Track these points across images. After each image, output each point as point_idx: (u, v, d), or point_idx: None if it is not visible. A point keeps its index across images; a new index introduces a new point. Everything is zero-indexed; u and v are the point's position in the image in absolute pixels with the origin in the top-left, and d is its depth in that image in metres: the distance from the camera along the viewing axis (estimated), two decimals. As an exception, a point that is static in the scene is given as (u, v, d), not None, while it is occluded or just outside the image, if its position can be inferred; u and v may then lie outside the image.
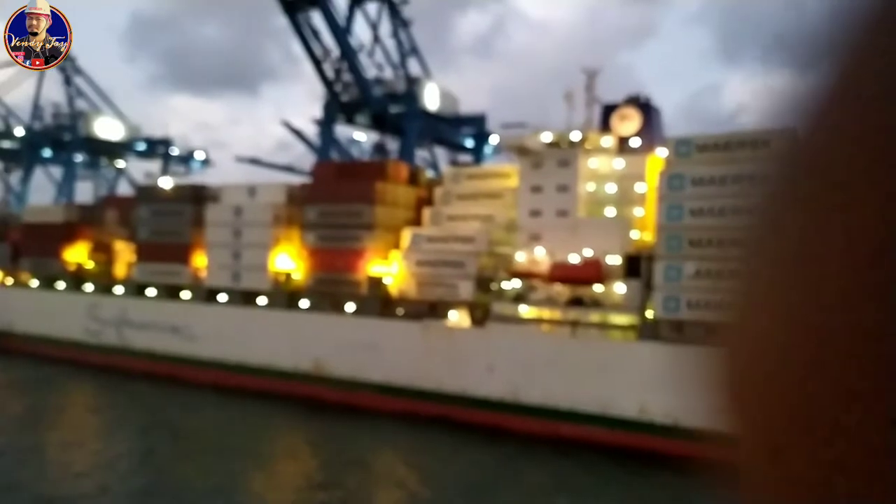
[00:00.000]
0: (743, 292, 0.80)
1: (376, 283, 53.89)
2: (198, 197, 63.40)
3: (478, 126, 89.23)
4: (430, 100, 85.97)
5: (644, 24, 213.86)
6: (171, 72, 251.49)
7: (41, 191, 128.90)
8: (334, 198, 56.48)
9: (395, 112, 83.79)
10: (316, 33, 79.12)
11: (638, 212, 48.67)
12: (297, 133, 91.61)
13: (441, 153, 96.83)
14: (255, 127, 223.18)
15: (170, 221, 63.67)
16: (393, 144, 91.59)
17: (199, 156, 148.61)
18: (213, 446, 42.79)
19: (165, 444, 42.80)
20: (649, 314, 44.00)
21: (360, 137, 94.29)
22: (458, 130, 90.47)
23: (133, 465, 38.96)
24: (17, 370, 64.45)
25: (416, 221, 58.43)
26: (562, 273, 47.41)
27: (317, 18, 77.65)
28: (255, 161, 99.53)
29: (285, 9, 75.63)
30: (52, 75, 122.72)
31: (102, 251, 72.55)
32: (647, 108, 54.48)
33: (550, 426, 44.25)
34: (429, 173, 75.16)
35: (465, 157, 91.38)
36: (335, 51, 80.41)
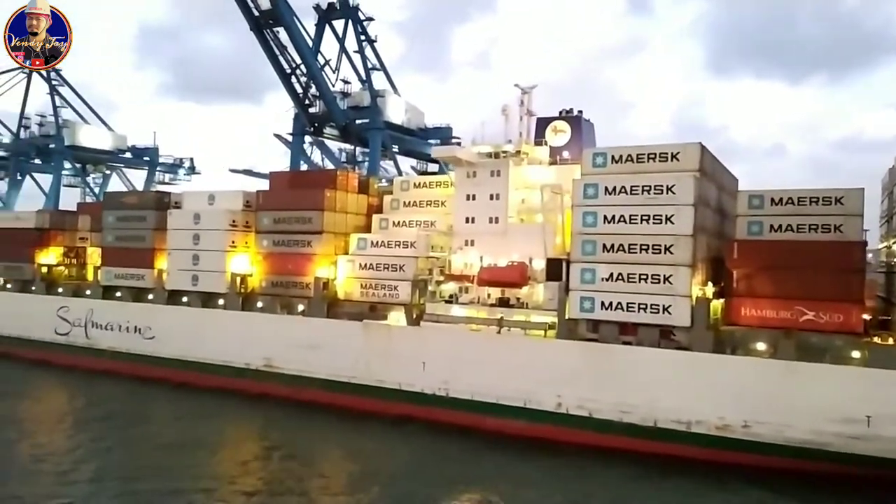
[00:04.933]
0: None
1: (324, 285, 56.91)
2: (161, 203, 66.51)
3: (443, 137, 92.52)
4: (395, 113, 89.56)
5: (636, 39, 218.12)
6: (177, 81, 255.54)
7: (33, 198, 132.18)
8: (286, 205, 59.79)
9: (360, 124, 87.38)
10: (284, 49, 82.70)
11: (564, 219, 51.80)
12: (287, 144, 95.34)
13: (410, 163, 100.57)
14: (257, 136, 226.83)
15: (134, 227, 66.75)
16: (364, 156, 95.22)
17: (185, 164, 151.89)
18: (163, 437, 45.73)
19: (118, 436, 45.78)
20: (568, 314, 46.90)
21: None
22: (424, 142, 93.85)
23: (87, 454, 41.67)
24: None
25: (367, 228, 61.65)
26: (490, 276, 50.48)
27: (284, 35, 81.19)
28: (247, 171, 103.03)
29: (251, 26, 79.34)
30: (39, 85, 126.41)
31: (73, 255, 75.64)
32: (578, 122, 57.88)
33: (476, 419, 47.17)
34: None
35: (433, 167, 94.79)
36: (303, 66, 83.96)
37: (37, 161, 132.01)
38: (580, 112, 58.77)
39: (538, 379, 45.88)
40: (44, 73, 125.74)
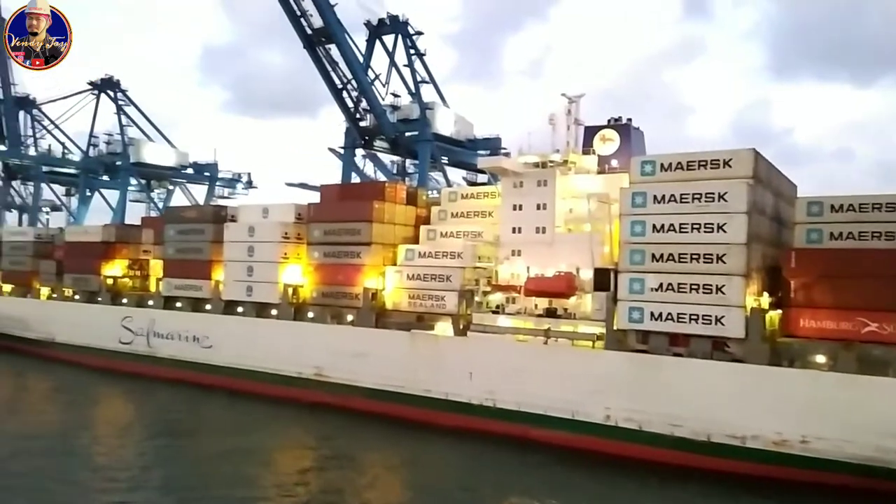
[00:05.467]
0: None
1: (373, 295, 57.72)
2: (218, 217, 68.91)
3: (492, 148, 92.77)
4: (444, 124, 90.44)
5: (694, 42, 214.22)
6: (237, 97, 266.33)
7: (102, 212, 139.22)
8: (336, 217, 61.03)
9: (409, 137, 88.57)
10: (335, 65, 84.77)
11: (612, 228, 51.13)
12: (340, 157, 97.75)
13: (461, 174, 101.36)
14: (312, 150, 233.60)
15: (192, 240, 69.33)
16: (415, 167, 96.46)
17: (243, 178, 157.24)
18: (223, 445, 46.51)
19: (177, 442, 47.37)
20: (617, 325, 46.14)
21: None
22: (473, 153, 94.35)
23: (153, 461, 43.13)
24: (59, 377, 70.82)
25: (416, 239, 62.29)
26: (536, 286, 50.21)
27: (335, 51, 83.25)
28: (302, 185, 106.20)
29: (305, 44, 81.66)
30: (106, 105, 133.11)
31: (137, 267, 79.03)
32: (627, 130, 57.15)
33: (523, 429, 46.84)
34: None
35: (483, 178, 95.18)
36: (353, 81, 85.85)
37: (104, 178, 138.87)
38: (629, 120, 58.04)
39: (586, 390, 45.24)
40: (111, 93, 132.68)
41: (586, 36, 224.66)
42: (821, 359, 39.83)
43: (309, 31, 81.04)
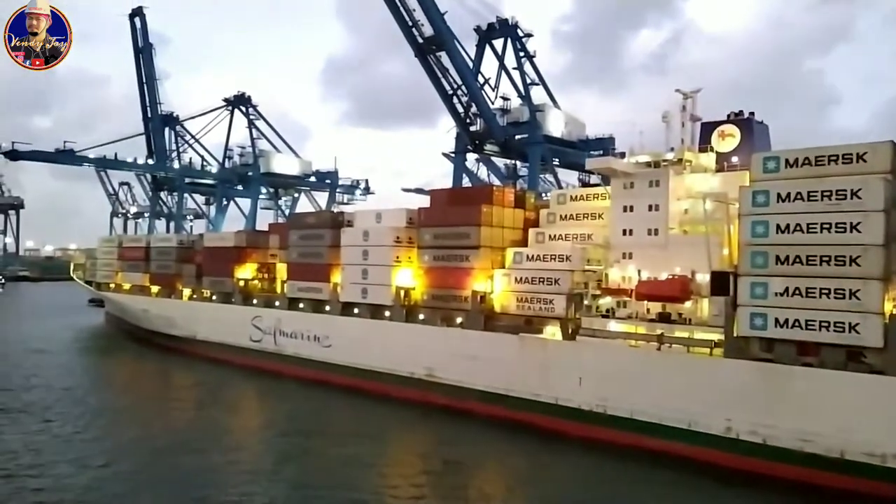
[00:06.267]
0: None
1: (481, 298, 58.25)
2: (336, 222, 72.38)
3: (605, 148, 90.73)
4: (554, 126, 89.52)
5: (835, 27, 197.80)
6: (359, 108, 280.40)
7: (236, 220, 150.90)
8: (445, 221, 62.24)
9: (520, 139, 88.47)
10: (446, 71, 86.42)
11: (732, 229, 48.35)
12: (453, 161, 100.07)
13: (577, 176, 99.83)
14: (429, 155, 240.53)
15: (313, 244, 73.28)
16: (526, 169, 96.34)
17: (361, 185, 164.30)
18: (343, 446, 47.01)
19: (307, 444, 48.21)
20: (737, 331, 43.61)
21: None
22: (585, 153, 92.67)
23: (284, 458, 44.51)
24: (200, 373, 77.04)
25: (524, 242, 62.16)
26: (648, 290, 48.47)
27: (445, 58, 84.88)
28: (418, 190, 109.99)
29: (416, 52, 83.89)
30: (239, 120, 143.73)
31: (265, 270, 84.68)
32: (748, 125, 53.76)
33: (635, 438, 45.41)
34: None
35: (597, 179, 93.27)
36: (463, 87, 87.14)
37: (238, 187, 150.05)
38: (751, 114, 54.55)
39: (705, 400, 43.07)
40: (243, 108, 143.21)
41: (714, 27, 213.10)
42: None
43: (420, 40, 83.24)
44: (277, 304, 78.19)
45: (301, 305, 74.86)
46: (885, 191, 38.18)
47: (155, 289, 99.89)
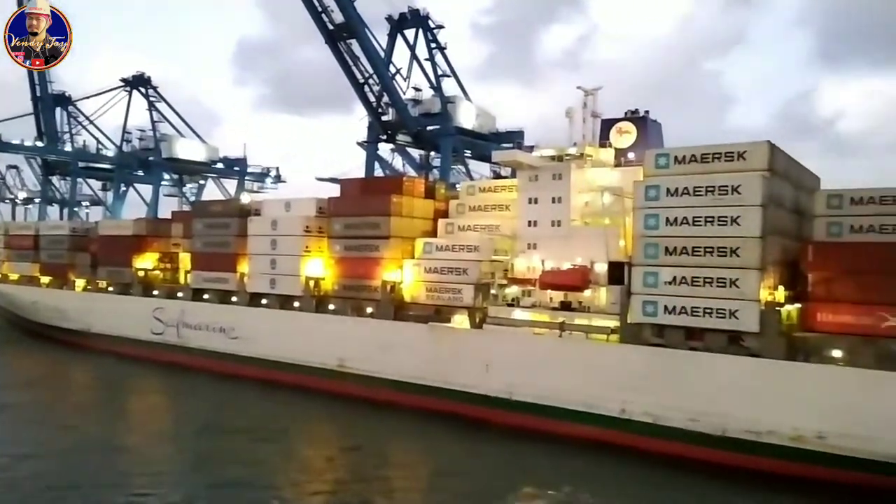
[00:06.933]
0: None
1: (392, 288, 58.57)
2: (243, 211, 70.48)
3: (515, 141, 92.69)
4: (466, 118, 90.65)
5: (735, 32, 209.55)
6: (275, 93, 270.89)
7: (136, 207, 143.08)
8: (356, 211, 62.04)
9: (431, 130, 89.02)
10: (357, 60, 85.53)
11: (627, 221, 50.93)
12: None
13: (487, 167, 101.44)
14: (345, 144, 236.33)
15: (219, 233, 71.06)
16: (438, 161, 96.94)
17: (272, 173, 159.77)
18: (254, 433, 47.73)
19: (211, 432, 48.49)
20: (631, 318, 46.10)
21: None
22: (496, 146, 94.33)
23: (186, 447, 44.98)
24: (100, 368, 73.29)
25: (435, 232, 62.88)
26: (551, 279, 50.39)
27: (356, 46, 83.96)
28: (332, 179, 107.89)
29: (326, 39, 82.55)
30: (139, 102, 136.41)
31: (168, 260, 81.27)
32: (644, 123, 56.74)
33: (540, 422, 47.24)
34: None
35: (507, 171, 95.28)
36: (375, 76, 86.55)
37: (139, 173, 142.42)
38: (646, 112, 57.61)
39: (602, 383, 45.39)
40: (142, 89, 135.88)
41: (624, 26, 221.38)
42: (838, 353, 39.34)
43: (330, 27, 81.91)
44: (181, 295, 75.38)
45: (206, 296, 72.54)
46: (763, 187, 41.44)
47: (46, 279, 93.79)
